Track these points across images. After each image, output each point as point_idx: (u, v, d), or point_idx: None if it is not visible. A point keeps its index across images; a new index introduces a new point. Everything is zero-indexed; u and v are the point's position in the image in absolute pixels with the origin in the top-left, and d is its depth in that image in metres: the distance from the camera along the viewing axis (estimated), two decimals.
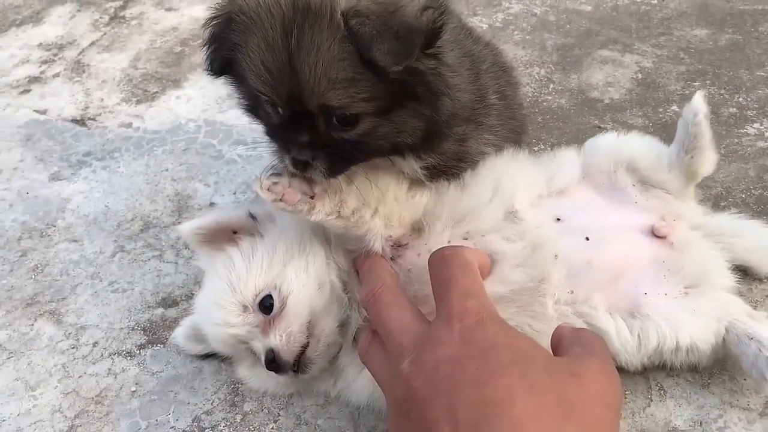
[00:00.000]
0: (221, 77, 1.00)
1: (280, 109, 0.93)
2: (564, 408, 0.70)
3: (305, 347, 1.02)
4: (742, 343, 0.98)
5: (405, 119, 0.94)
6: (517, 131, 1.28)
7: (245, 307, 1.03)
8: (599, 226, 1.09)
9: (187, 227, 1.13)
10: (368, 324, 0.98)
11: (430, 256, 0.91)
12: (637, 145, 1.18)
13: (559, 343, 0.84)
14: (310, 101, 0.89)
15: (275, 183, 0.97)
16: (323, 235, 1.08)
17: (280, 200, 0.97)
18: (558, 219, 1.10)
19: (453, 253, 0.89)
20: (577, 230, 1.08)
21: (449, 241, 1.03)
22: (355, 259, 1.05)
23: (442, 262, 0.88)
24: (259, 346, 1.02)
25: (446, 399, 0.72)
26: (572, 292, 1.03)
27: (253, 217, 1.12)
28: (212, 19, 0.96)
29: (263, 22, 0.88)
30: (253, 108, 1.00)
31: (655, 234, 1.10)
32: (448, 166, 1.07)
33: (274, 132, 0.98)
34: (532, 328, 0.99)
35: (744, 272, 1.15)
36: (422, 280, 0.97)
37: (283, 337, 1.00)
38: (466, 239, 1.04)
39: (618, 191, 1.15)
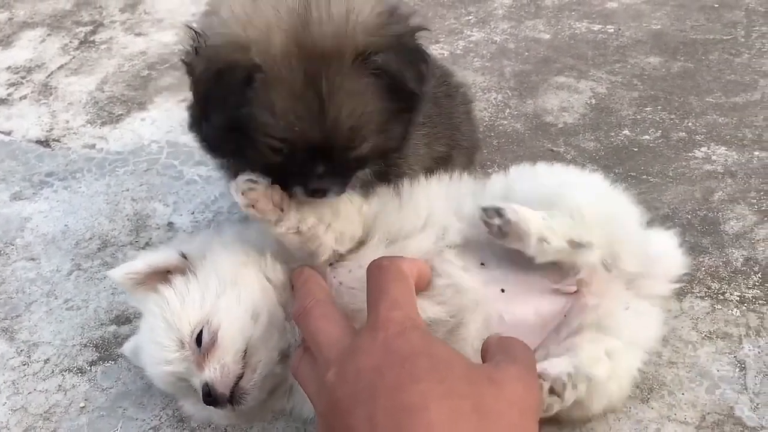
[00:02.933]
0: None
1: (286, 150, 0.93)
2: (479, 414, 0.71)
3: (240, 377, 1.01)
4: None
5: (394, 127, 0.99)
6: (461, 144, 1.32)
7: (182, 344, 1.02)
8: (514, 278, 1.05)
9: (119, 272, 1.10)
10: (304, 342, 0.97)
11: (369, 264, 0.92)
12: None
13: (487, 351, 0.85)
14: (339, 138, 0.92)
15: (251, 189, 0.98)
16: (257, 263, 1.08)
17: (252, 207, 0.98)
18: (482, 264, 1.07)
19: (389, 264, 0.91)
20: (496, 280, 1.05)
21: None
22: (291, 275, 1.06)
23: (378, 271, 0.90)
24: (197, 382, 1.01)
25: (366, 407, 0.73)
26: None
27: (184, 256, 1.11)
28: (211, 78, 0.91)
29: (283, 75, 0.88)
30: (237, 150, 0.98)
31: (562, 291, 1.05)
32: (389, 165, 1.10)
33: (271, 169, 0.98)
34: None
35: None
36: (352, 294, 0.98)
37: (217, 369, 0.99)
38: None
39: None
